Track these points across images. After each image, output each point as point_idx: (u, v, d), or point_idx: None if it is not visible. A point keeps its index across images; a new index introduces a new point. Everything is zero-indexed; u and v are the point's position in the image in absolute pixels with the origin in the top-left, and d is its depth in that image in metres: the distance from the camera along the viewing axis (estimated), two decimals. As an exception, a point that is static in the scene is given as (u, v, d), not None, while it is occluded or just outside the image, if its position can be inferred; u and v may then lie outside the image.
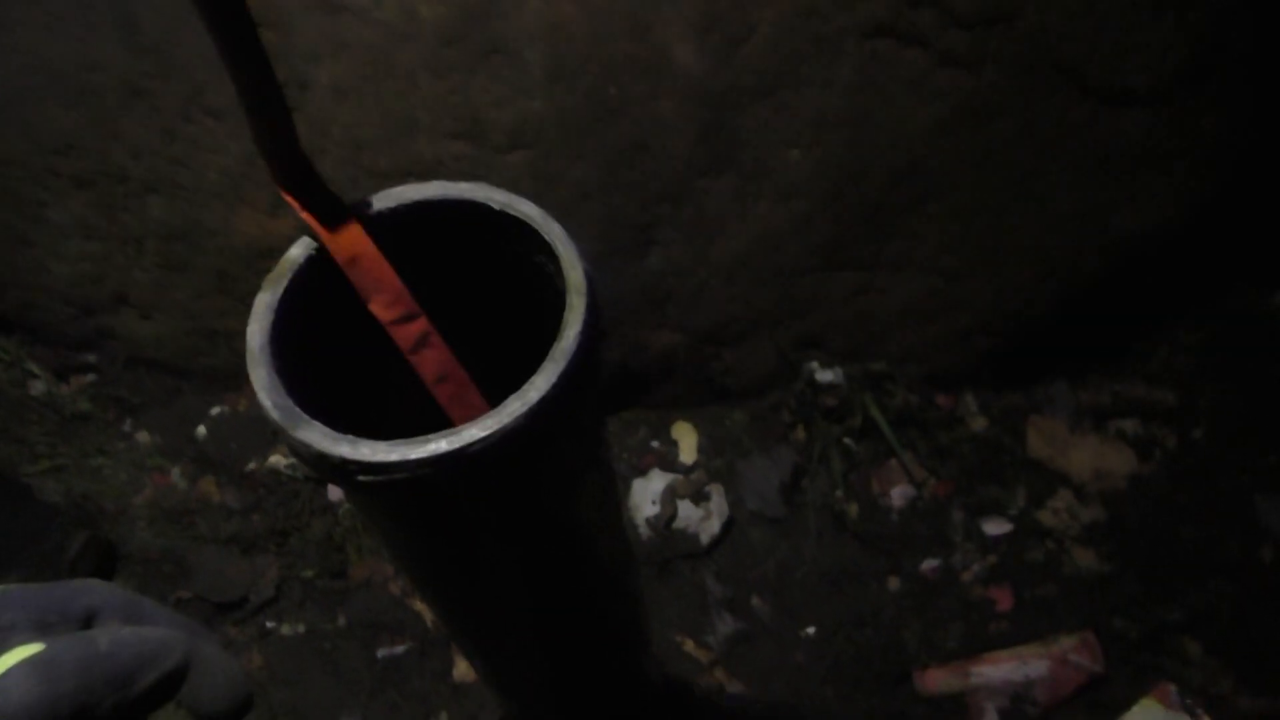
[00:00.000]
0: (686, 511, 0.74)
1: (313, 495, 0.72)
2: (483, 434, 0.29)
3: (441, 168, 0.66)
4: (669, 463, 0.76)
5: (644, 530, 0.74)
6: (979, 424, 0.73)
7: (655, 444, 0.76)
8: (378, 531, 0.41)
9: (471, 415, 0.34)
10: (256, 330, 0.32)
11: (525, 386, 0.31)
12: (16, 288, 0.75)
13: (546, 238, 0.34)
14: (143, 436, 0.75)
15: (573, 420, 0.32)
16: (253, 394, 0.38)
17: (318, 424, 0.30)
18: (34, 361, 0.74)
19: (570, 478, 0.36)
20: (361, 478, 0.30)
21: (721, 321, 0.72)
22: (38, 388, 0.75)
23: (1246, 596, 0.66)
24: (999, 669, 0.66)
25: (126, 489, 0.72)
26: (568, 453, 0.34)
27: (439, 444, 0.29)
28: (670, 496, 0.75)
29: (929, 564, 0.70)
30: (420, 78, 0.63)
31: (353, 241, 0.32)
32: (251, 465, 0.74)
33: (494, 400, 0.31)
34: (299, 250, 0.33)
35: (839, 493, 0.72)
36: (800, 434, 0.74)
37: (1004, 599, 0.69)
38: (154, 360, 0.75)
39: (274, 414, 0.31)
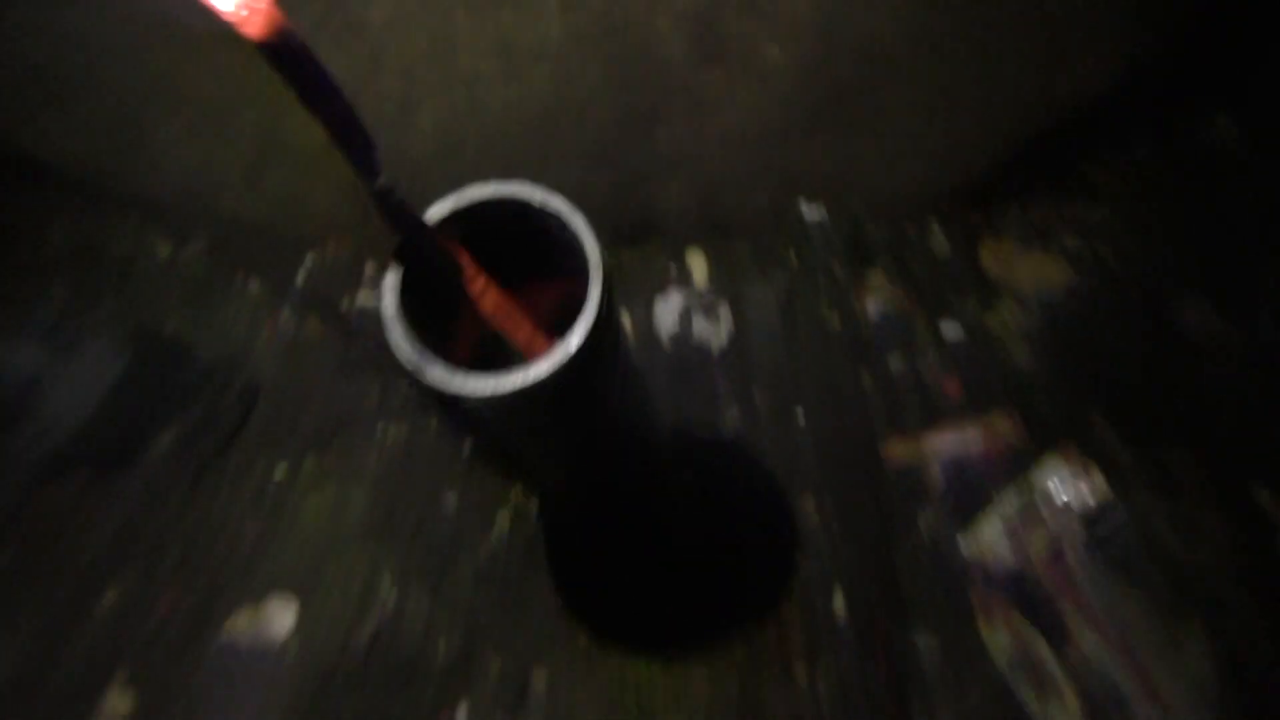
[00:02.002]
0: (700, 325, 0.96)
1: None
2: (545, 372, 0.50)
3: (479, 79, 0.81)
4: (685, 285, 0.96)
5: (665, 342, 0.96)
6: (940, 246, 0.92)
7: (673, 270, 0.96)
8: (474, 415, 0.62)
9: (524, 335, 0.56)
10: (390, 301, 0.53)
11: (566, 337, 0.51)
12: (134, 174, 0.94)
13: (571, 225, 0.53)
14: (253, 289, 0.97)
15: (596, 354, 0.52)
16: (337, 247, 0.57)
17: (440, 366, 0.51)
18: (155, 236, 0.95)
19: (597, 382, 0.57)
20: (468, 400, 0.51)
21: (721, 177, 0.89)
22: (162, 256, 0.97)
23: (1148, 379, 0.87)
24: (945, 440, 0.90)
25: (247, 335, 0.95)
26: (597, 368, 0.54)
27: (517, 379, 0.50)
28: (686, 313, 0.96)
29: (895, 361, 0.92)
30: (458, 13, 0.77)
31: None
32: (344, 304, 0.96)
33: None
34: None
35: (824, 307, 0.93)
36: (793, 260, 0.93)
37: (953, 388, 0.91)
38: (254, 225, 0.95)
39: (409, 362, 0.52)
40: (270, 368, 0.92)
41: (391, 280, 0.50)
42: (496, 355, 0.57)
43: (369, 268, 0.94)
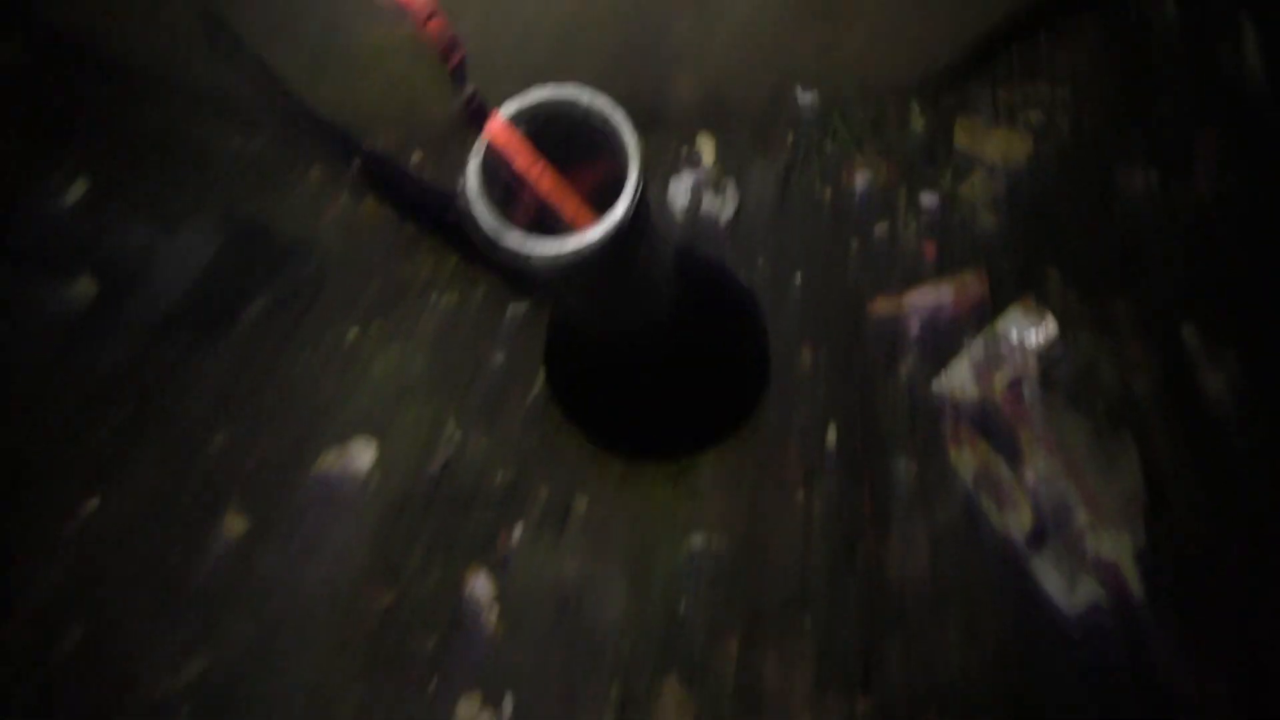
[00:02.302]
0: (708, 201, 1.10)
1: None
2: (598, 236, 0.65)
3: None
4: (695, 166, 1.10)
5: (678, 215, 1.10)
6: (919, 125, 1.05)
7: (684, 153, 1.10)
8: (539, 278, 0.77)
9: (571, 210, 0.70)
10: (474, 182, 0.67)
11: (610, 211, 0.66)
12: (206, 71, 1.07)
13: (612, 120, 0.67)
14: (314, 176, 1.11)
15: (635, 225, 0.67)
16: (387, 139, 0.72)
17: (517, 232, 0.66)
18: (227, 128, 1.09)
19: (636, 244, 0.72)
20: (536, 261, 0.66)
21: (726, 71, 1.02)
22: (234, 147, 1.10)
23: (1095, 237, 1.02)
24: (922, 297, 1.05)
25: (312, 218, 1.10)
26: (633, 236, 0.69)
27: (576, 241, 0.65)
28: (696, 190, 1.10)
29: (880, 228, 1.07)
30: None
31: (499, 130, 0.66)
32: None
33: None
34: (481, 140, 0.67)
35: (817, 183, 1.07)
36: (790, 142, 1.07)
37: (930, 251, 1.06)
38: (313, 118, 1.08)
39: (490, 230, 0.66)
40: (336, 245, 1.06)
41: (474, 165, 0.65)
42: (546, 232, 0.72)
43: (416, 155, 1.08)
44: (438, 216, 1.02)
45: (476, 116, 0.62)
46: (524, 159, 0.64)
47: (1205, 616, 0.91)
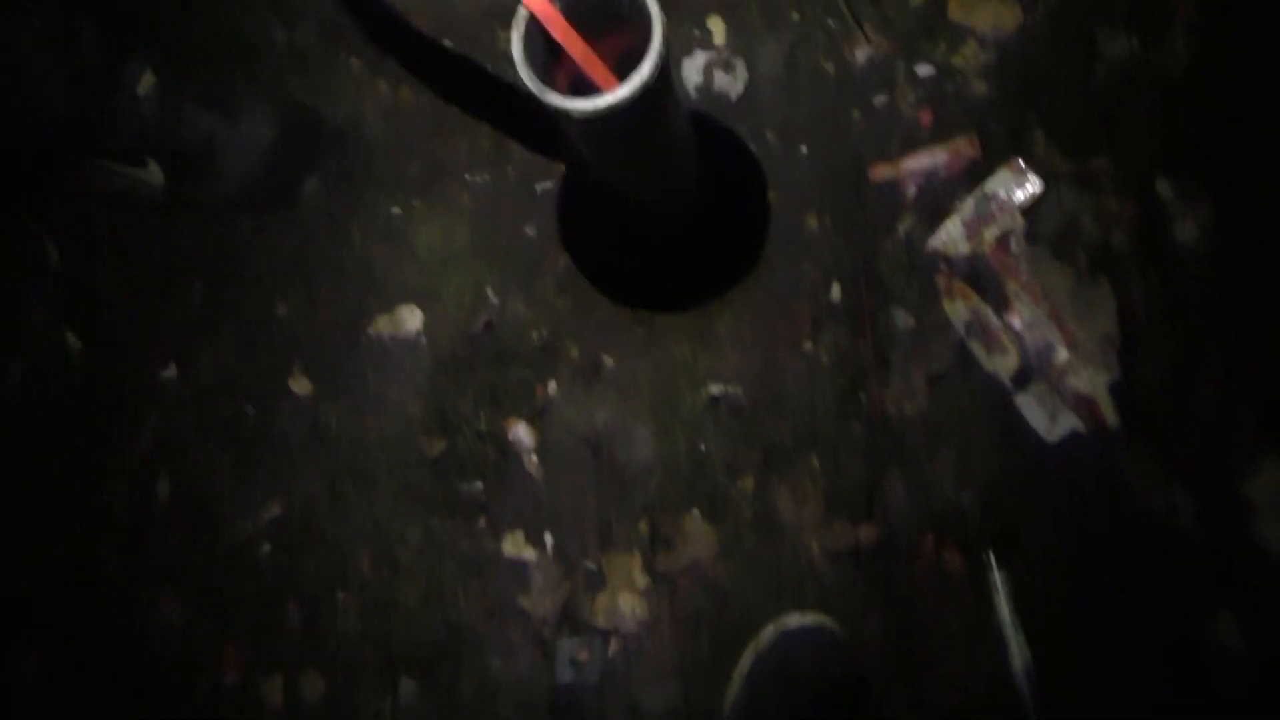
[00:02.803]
0: (720, 78, 1.20)
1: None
2: (627, 93, 0.76)
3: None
4: (706, 45, 1.20)
5: (692, 93, 1.20)
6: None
7: (696, 33, 1.19)
8: (575, 139, 0.88)
9: (600, 75, 0.81)
10: (518, 48, 0.78)
11: (640, 67, 0.76)
12: None
13: None
14: (354, 65, 1.21)
15: (660, 83, 0.78)
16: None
17: (555, 92, 0.77)
18: (272, 22, 1.19)
19: (661, 107, 0.83)
20: (575, 115, 0.77)
21: None
22: (280, 40, 1.21)
23: (1078, 99, 1.12)
24: (918, 161, 1.15)
25: (355, 103, 1.21)
26: (658, 97, 0.80)
27: (610, 98, 0.76)
28: (708, 69, 1.20)
29: (879, 99, 1.16)
30: None
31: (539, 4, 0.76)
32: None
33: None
34: (522, 10, 0.78)
35: (821, 59, 1.16)
36: (795, 18, 1.17)
37: (926, 118, 1.16)
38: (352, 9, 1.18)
39: (533, 88, 0.77)
40: (378, 130, 1.17)
41: (517, 34, 0.75)
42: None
43: (448, 42, 1.18)
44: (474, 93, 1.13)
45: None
46: (559, 29, 0.75)
47: (1172, 439, 1.03)
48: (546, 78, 0.75)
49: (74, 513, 1.13)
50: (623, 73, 0.76)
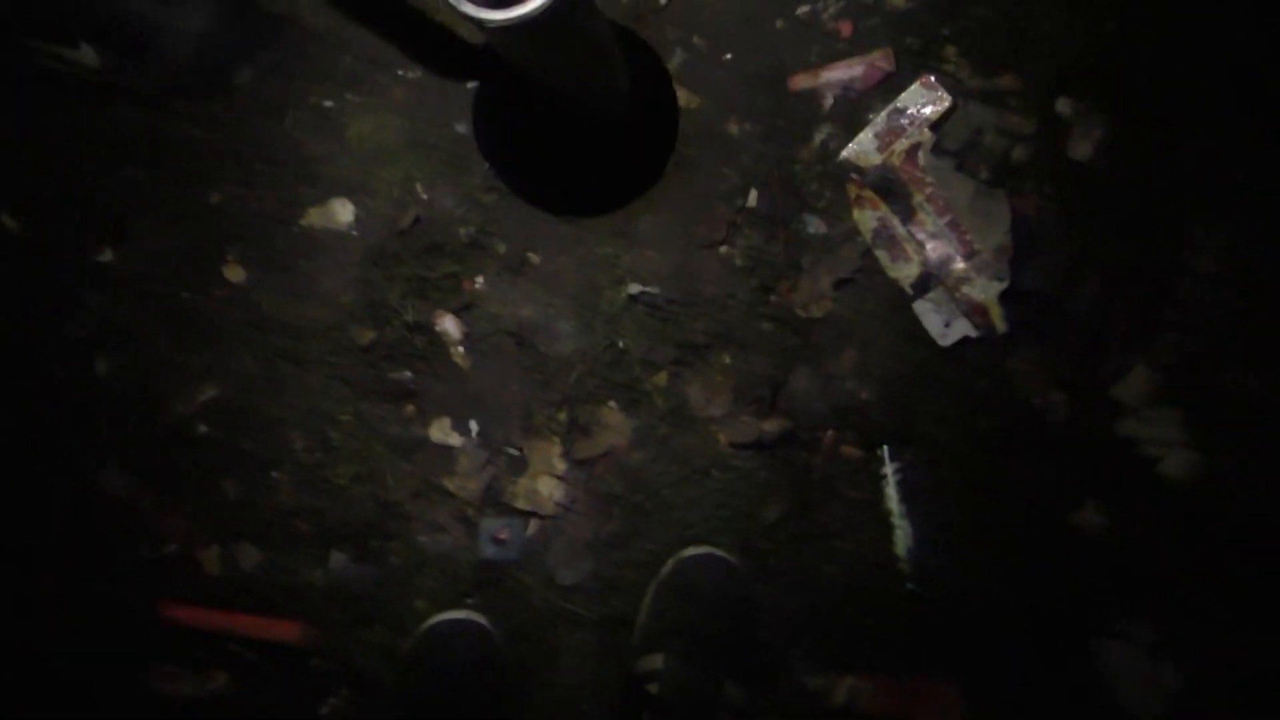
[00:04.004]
0: (650, -18, 1.26)
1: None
2: (537, 6, 0.84)
3: None
4: None
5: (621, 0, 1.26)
6: None
7: None
8: (498, 49, 0.95)
9: None
10: None
11: None
12: None
13: None
14: None
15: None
16: None
17: (470, 3, 0.85)
18: None
19: (575, 16, 0.91)
20: (489, 26, 0.85)
21: None
22: None
23: (989, 15, 1.20)
24: (836, 72, 1.24)
25: None
26: (571, 8, 0.88)
27: (520, 11, 0.84)
28: None
29: (802, 9, 1.23)
30: None
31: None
32: None
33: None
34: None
35: None
36: None
37: (846, 29, 1.23)
38: None
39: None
40: (313, 20, 1.23)
41: None
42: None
43: (380, -63, 1.23)
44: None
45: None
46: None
47: (1053, 345, 1.15)
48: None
49: (14, 386, 1.21)
50: None
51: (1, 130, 1.22)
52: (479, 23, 0.79)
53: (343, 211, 1.18)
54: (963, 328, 1.11)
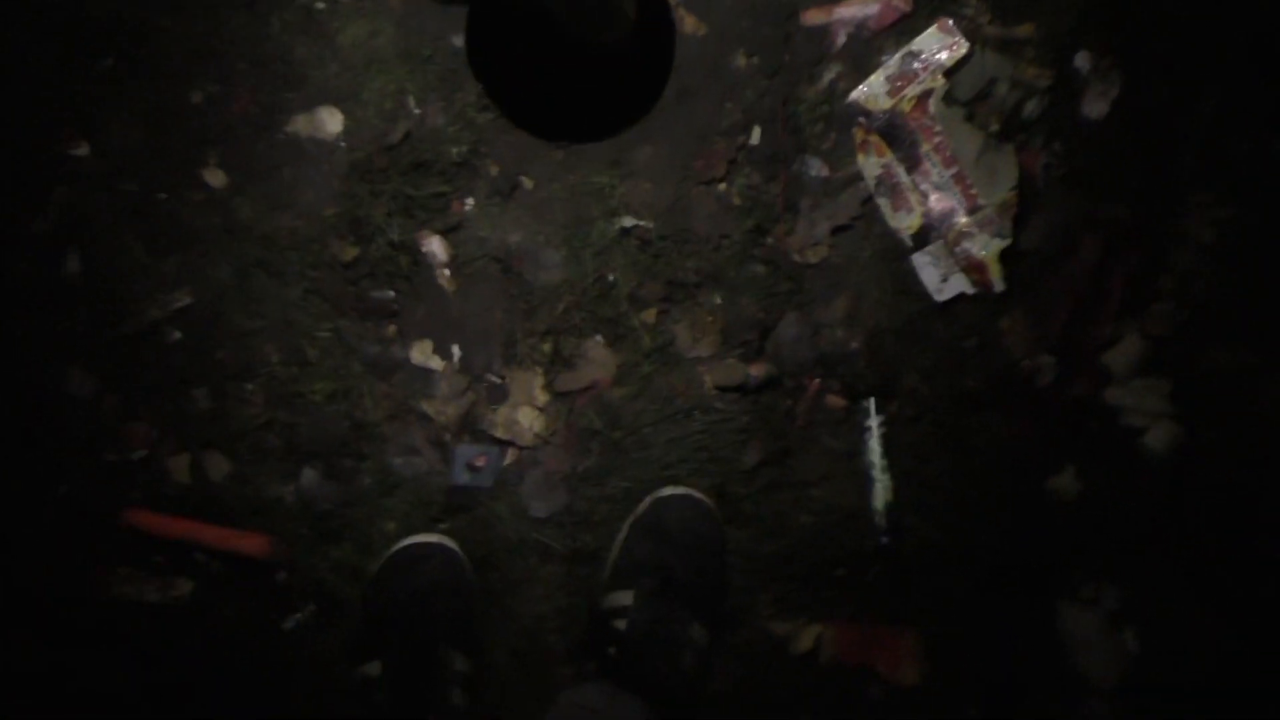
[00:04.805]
0: (664, -102, 1.23)
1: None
2: None
3: None
4: None
5: None
6: None
7: None
8: None
9: None
10: None
11: None
12: None
13: None
14: None
15: None
16: None
17: None
18: None
19: None
20: None
21: None
22: None
23: None
24: (850, 9, 1.21)
25: None
26: None
27: None
28: None
29: None
30: None
31: None
32: None
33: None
34: None
35: None
36: None
37: None
38: None
39: None
40: (303, -86, 1.18)
41: None
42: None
43: None
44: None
45: None
46: None
47: (1047, 307, 1.16)
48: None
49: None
50: None
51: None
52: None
53: (330, 120, 1.16)
54: (959, 284, 1.12)
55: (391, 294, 1.15)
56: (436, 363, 1.15)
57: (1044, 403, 1.11)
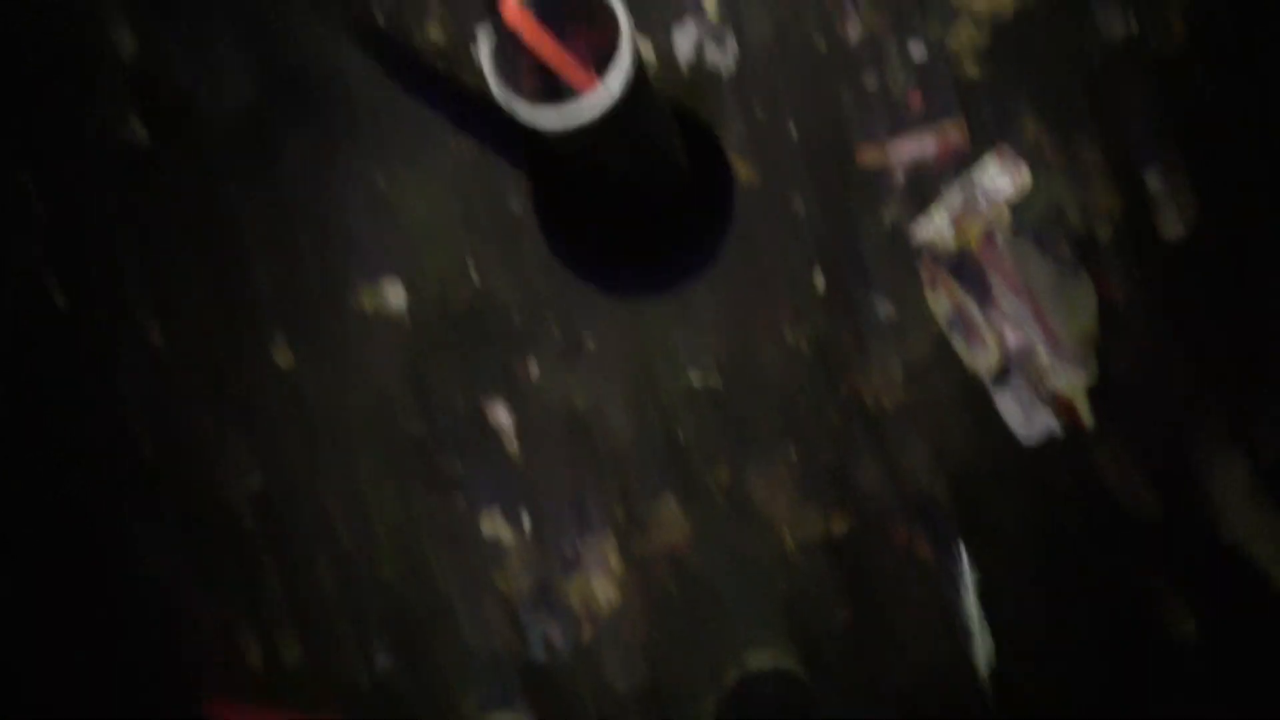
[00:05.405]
0: (709, 50, 1.24)
1: None
2: (596, 111, 0.83)
3: None
4: (696, 14, 1.24)
5: (681, 66, 1.25)
6: None
7: (687, 3, 1.24)
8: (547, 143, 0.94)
9: (577, 76, 0.88)
10: (486, 55, 0.84)
11: (605, 79, 0.83)
12: None
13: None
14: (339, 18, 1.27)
15: (633, 93, 0.85)
16: None
17: (522, 102, 0.84)
18: None
19: (635, 110, 0.90)
20: (546, 131, 0.84)
21: None
22: None
23: (1070, 80, 1.17)
24: (906, 145, 1.21)
25: (343, 64, 1.27)
26: (629, 108, 0.87)
27: (580, 115, 0.83)
28: (699, 42, 1.25)
29: (869, 78, 1.21)
30: None
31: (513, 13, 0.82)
32: (418, 38, 1.26)
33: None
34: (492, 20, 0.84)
35: (813, 34, 1.21)
36: None
37: (916, 100, 1.21)
38: None
39: (504, 102, 0.84)
40: (363, 93, 1.24)
41: (486, 46, 0.82)
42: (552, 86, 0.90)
43: (434, 4, 1.23)
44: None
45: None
46: (533, 34, 0.81)
47: (1144, 437, 1.11)
48: (512, 68, 0.82)
49: (56, 472, 1.23)
50: (602, 60, 0.83)
51: (48, 205, 1.24)
52: (535, 127, 0.78)
53: (393, 295, 1.19)
54: (1046, 422, 1.08)
55: (458, 465, 1.15)
56: (506, 533, 1.14)
57: (1151, 542, 1.05)
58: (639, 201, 1.15)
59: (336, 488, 1.19)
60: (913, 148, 1.16)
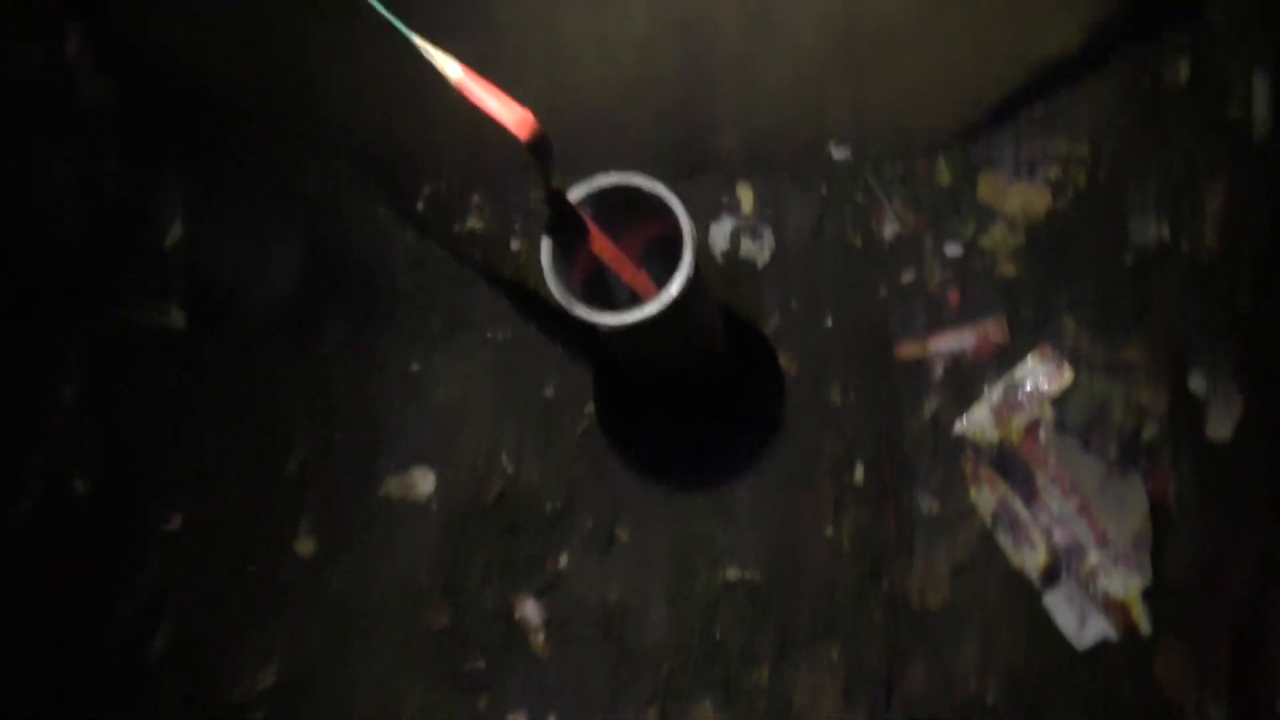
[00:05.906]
0: (747, 245, 1.28)
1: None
2: (654, 309, 0.84)
3: (578, 61, 1.13)
4: (734, 212, 1.28)
5: (718, 259, 1.28)
6: (945, 179, 1.23)
7: (724, 199, 1.28)
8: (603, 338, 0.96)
9: (629, 275, 0.89)
10: (547, 260, 0.86)
11: (668, 285, 0.85)
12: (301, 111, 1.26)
13: (671, 205, 0.86)
14: (383, 212, 1.30)
15: (689, 295, 0.86)
16: (450, 180, 0.93)
17: (582, 306, 0.85)
18: (308, 160, 1.28)
19: (691, 308, 0.91)
20: (602, 328, 0.85)
21: (765, 126, 1.20)
22: (311, 178, 1.30)
23: (1108, 285, 1.19)
24: (946, 341, 1.23)
25: (381, 251, 1.29)
26: (689, 302, 0.88)
27: (638, 314, 0.84)
28: (735, 235, 1.28)
29: (907, 276, 1.24)
30: (567, 13, 1.09)
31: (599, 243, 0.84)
32: (456, 228, 1.29)
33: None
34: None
35: (849, 230, 1.25)
36: (824, 191, 1.25)
37: (954, 298, 1.23)
38: (384, 157, 1.28)
39: (563, 301, 0.85)
40: (403, 278, 1.26)
41: (547, 245, 0.84)
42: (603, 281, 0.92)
43: (475, 198, 1.27)
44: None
45: (557, 204, 0.81)
46: (595, 239, 0.83)
47: (1206, 645, 1.08)
48: (568, 262, 0.83)
49: (65, 666, 1.18)
50: (651, 252, 0.84)
51: (81, 390, 1.24)
52: (593, 326, 0.79)
53: (423, 482, 1.17)
54: (1100, 627, 1.05)
55: (484, 663, 1.12)
56: (533, 735, 1.08)
57: (1218, 757, 1.00)
58: (676, 386, 1.16)
59: (355, 684, 1.14)
60: (952, 343, 1.17)
